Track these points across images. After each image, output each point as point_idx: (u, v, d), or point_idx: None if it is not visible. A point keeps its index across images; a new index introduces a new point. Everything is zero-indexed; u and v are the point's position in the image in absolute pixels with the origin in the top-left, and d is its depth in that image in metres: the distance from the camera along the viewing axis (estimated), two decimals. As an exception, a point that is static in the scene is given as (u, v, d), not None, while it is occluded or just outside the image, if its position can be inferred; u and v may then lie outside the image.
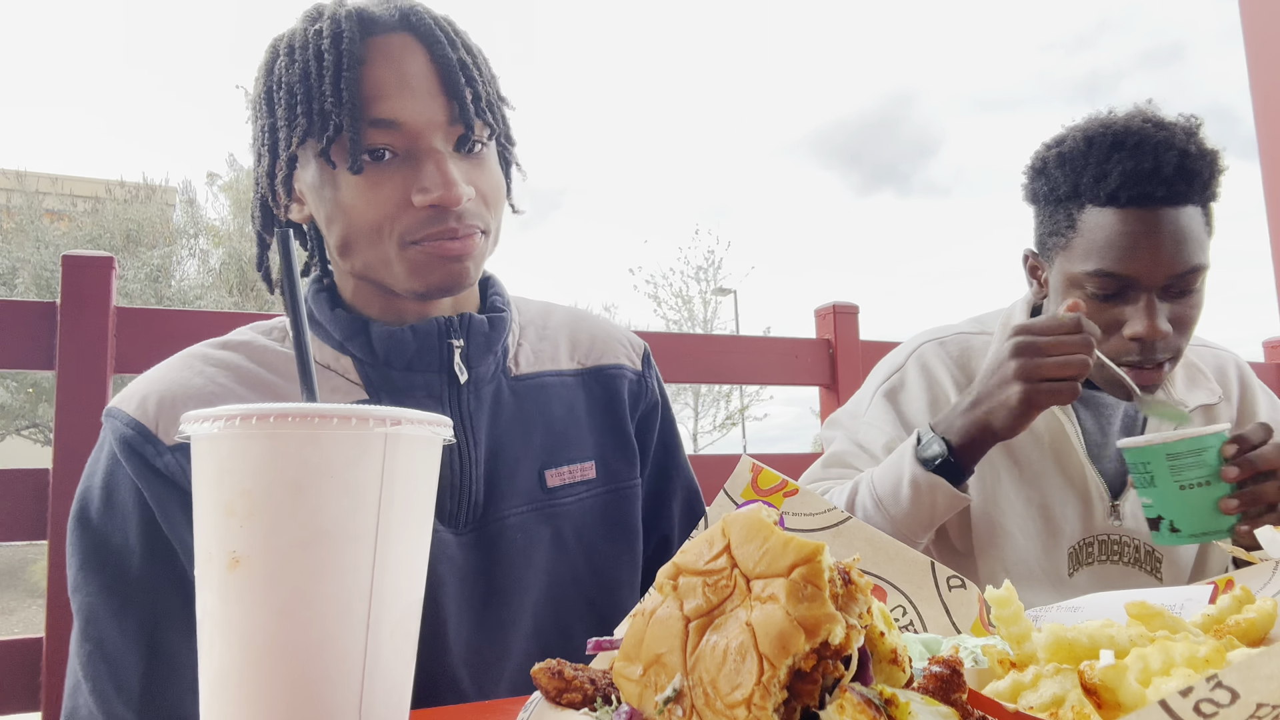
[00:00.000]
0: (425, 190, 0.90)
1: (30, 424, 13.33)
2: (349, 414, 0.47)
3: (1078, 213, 1.32)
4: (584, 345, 1.13)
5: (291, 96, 0.92)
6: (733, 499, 0.74)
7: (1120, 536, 1.40)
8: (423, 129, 0.90)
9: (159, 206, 14.51)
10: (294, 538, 0.46)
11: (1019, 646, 0.56)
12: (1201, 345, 1.56)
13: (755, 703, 0.38)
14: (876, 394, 1.46)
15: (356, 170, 0.89)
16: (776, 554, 0.41)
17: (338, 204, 0.92)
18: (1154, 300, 1.25)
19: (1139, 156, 1.26)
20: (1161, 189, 1.24)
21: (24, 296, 11.07)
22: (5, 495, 1.40)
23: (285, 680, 0.46)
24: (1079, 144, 1.32)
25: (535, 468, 1.02)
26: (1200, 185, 1.27)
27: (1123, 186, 1.25)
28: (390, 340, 0.95)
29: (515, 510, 1.00)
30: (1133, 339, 1.26)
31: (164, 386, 0.90)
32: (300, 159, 0.95)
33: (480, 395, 1.00)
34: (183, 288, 14.08)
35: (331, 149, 0.90)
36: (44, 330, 1.44)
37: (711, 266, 18.26)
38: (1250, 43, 2.73)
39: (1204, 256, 1.28)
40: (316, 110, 0.90)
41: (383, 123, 0.89)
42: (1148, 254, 1.25)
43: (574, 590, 1.03)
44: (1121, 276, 1.26)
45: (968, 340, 1.47)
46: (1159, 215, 1.25)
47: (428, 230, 0.91)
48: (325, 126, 0.89)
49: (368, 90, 0.89)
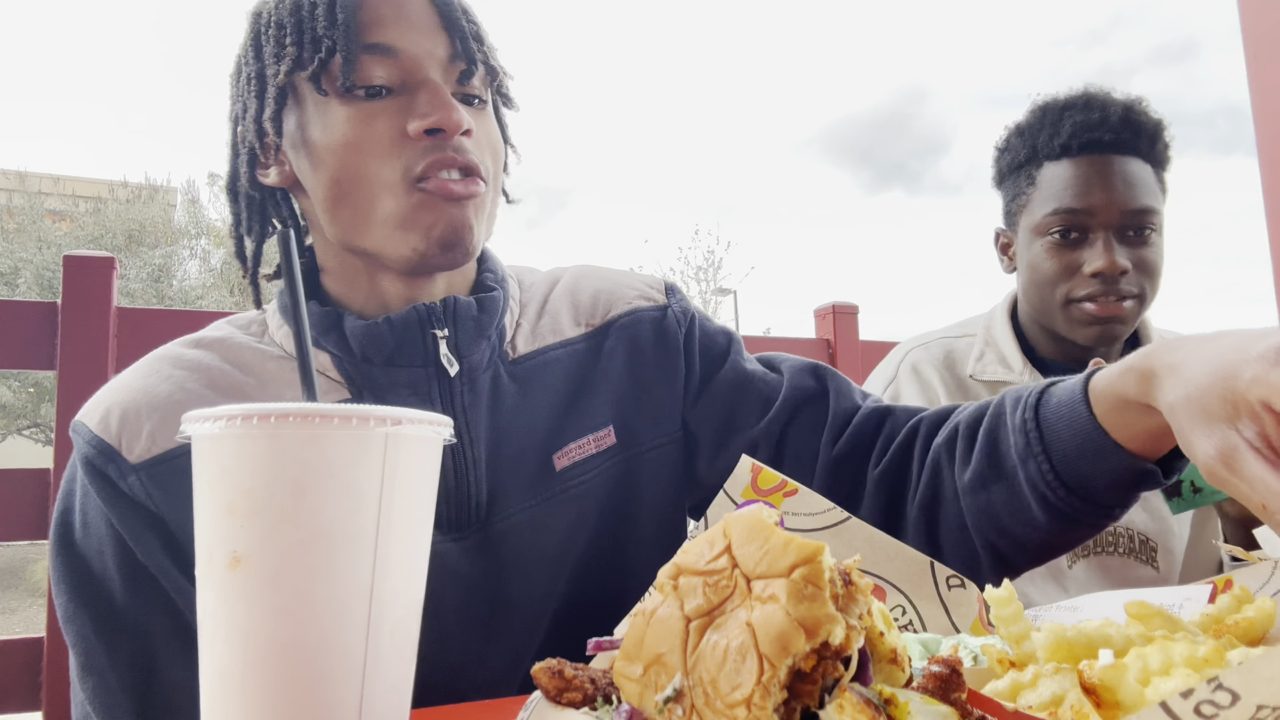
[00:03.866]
0: (423, 115, 0.83)
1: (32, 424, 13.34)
2: (350, 414, 0.47)
3: (1036, 171, 1.44)
4: (586, 305, 1.03)
5: (280, 30, 0.87)
6: (732, 499, 0.74)
7: (1114, 528, 1.42)
8: (421, 59, 0.85)
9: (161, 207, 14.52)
10: (295, 537, 0.46)
11: (1018, 646, 0.56)
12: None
13: (755, 702, 0.38)
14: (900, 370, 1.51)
15: (348, 88, 0.83)
16: (777, 554, 0.41)
17: (328, 145, 0.85)
18: (1111, 239, 1.36)
19: (1087, 110, 1.39)
20: (1109, 134, 1.37)
21: (26, 297, 11.08)
22: (6, 495, 1.40)
23: (285, 680, 0.46)
24: (1034, 115, 1.47)
25: (541, 455, 0.94)
26: (1146, 139, 1.39)
27: (1073, 136, 1.38)
28: (366, 335, 0.87)
29: (524, 506, 0.93)
30: (1093, 274, 1.35)
31: (127, 396, 0.84)
32: (289, 98, 0.88)
33: (476, 387, 0.91)
34: (184, 288, 14.08)
35: (323, 77, 0.84)
36: (45, 330, 1.44)
37: (711, 266, 18.26)
38: (1250, 43, 2.73)
39: (1156, 202, 1.38)
40: (308, 38, 0.85)
41: (379, 48, 0.84)
42: (1100, 191, 1.36)
43: (599, 582, 0.96)
44: (1077, 211, 1.37)
45: (950, 344, 1.53)
46: (1109, 160, 1.37)
47: (428, 160, 0.84)
48: (317, 49, 0.84)
49: (363, 17, 0.85)
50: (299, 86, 0.87)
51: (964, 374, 1.47)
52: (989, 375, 1.44)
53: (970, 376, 1.46)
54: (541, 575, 0.93)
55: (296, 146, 0.89)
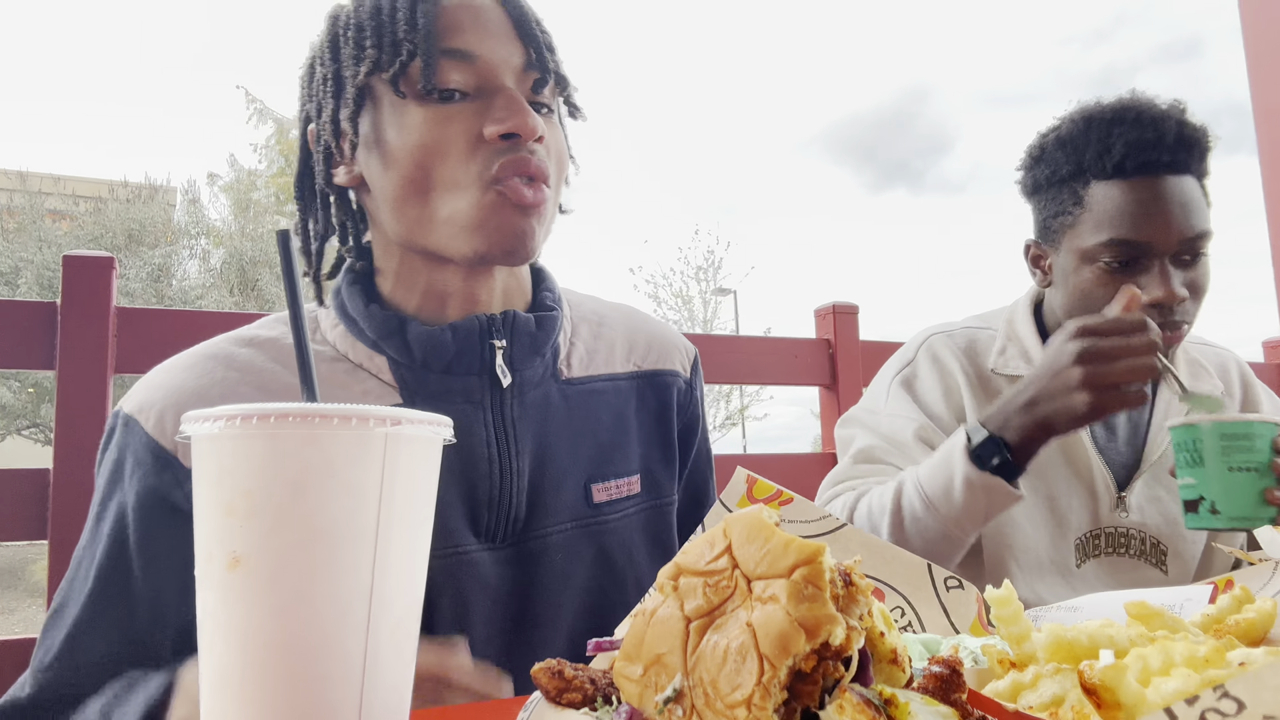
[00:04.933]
0: (499, 120, 0.85)
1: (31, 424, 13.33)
2: (349, 414, 0.47)
3: (1083, 190, 1.35)
4: (641, 347, 1.08)
5: (360, 33, 0.89)
6: (728, 509, 0.74)
7: (1127, 529, 1.40)
8: (497, 65, 0.88)
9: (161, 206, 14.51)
10: (294, 537, 0.46)
11: (1018, 646, 0.56)
12: (1203, 344, 1.57)
13: (755, 703, 0.38)
14: (893, 385, 1.47)
15: (429, 91, 0.86)
16: (778, 555, 0.41)
17: (403, 145, 0.87)
18: (1167, 266, 1.29)
19: (1140, 128, 1.30)
20: (1166, 155, 1.29)
21: (27, 296, 11.08)
22: (5, 495, 1.40)
23: (285, 680, 0.46)
24: (1077, 124, 1.37)
25: (582, 481, 0.96)
26: (1198, 155, 1.33)
27: (1128, 156, 1.30)
28: (429, 341, 0.89)
29: (559, 527, 0.94)
30: (1152, 304, 1.28)
31: (180, 398, 0.85)
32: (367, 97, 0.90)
33: (525, 400, 0.93)
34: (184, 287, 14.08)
35: (401, 80, 0.86)
36: (45, 330, 1.44)
37: (711, 266, 18.24)
38: (1250, 43, 2.73)
39: (1209, 223, 1.32)
40: (388, 41, 0.87)
41: (456, 53, 0.86)
42: (1159, 219, 1.28)
43: (615, 615, 0.96)
44: (1135, 243, 1.29)
45: (973, 334, 1.50)
46: (1165, 182, 1.29)
47: (502, 161, 0.85)
48: (398, 53, 0.86)
49: (443, 23, 0.87)
50: (375, 88, 0.90)
51: (985, 366, 1.45)
52: (1011, 370, 1.42)
53: (992, 370, 1.44)
54: (563, 601, 0.94)
55: (369, 146, 0.90)
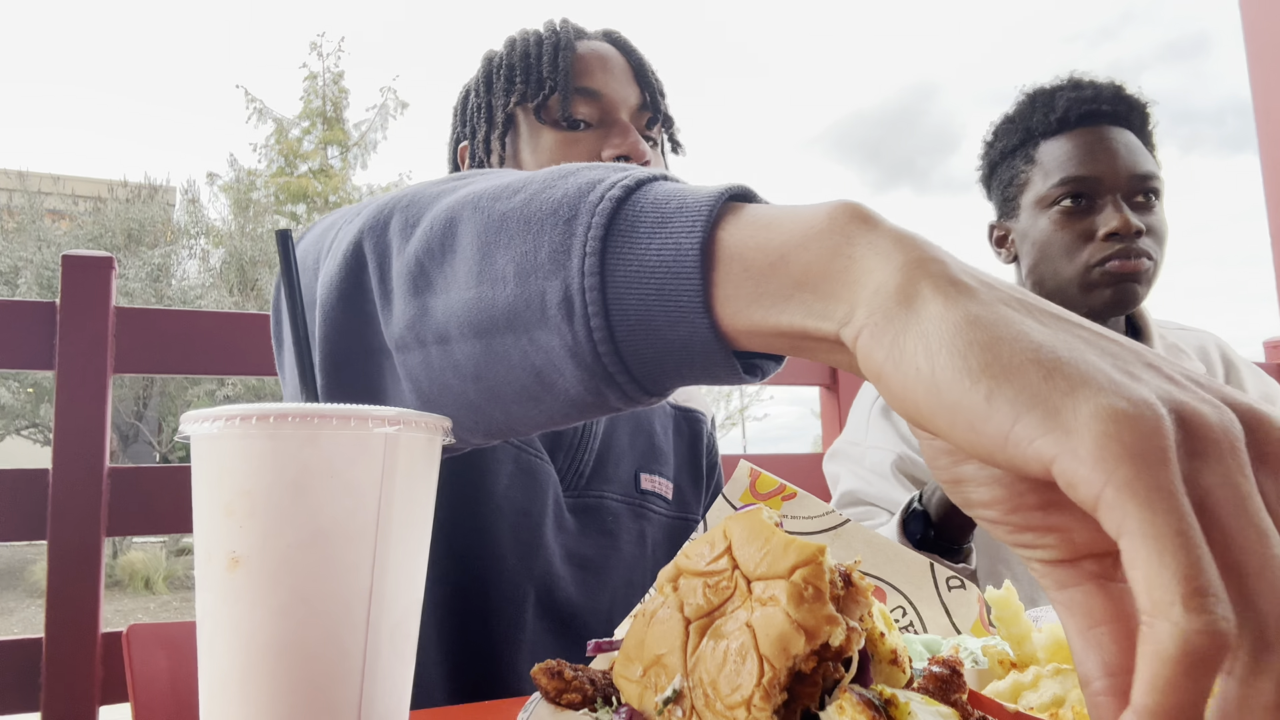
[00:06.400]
0: (614, 146, 1.04)
1: (30, 424, 13.34)
2: (349, 414, 0.47)
3: (1033, 150, 1.45)
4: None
5: (511, 71, 1.10)
6: (731, 503, 0.74)
7: None
8: (618, 103, 1.07)
9: (160, 206, 14.52)
10: (294, 538, 0.46)
11: (1019, 647, 0.56)
12: (1179, 328, 1.59)
13: (755, 704, 0.38)
14: (872, 413, 1.47)
15: (565, 116, 1.05)
16: (778, 556, 0.41)
17: (537, 162, 1.06)
18: (1120, 201, 1.36)
19: (1078, 89, 1.43)
20: (1105, 107, 1.40)
21: (26, 296, 11.07)
22: (5, 496, 1.40)
23: (285, 680, 0.46)
24: (1023, 102, 1.49)
25: (634, 466, 1.11)
26: (1138, 117, 1.42)
27: (1070, 110, 1.40)
28: None
29: (613, 496, 1.08)
30: (1108, 235, 1.34)
31: None
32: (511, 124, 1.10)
33: None
34: (183, 287, 14.08)
35: (543, 110, 1.06)
36: (44, 330, 1.44)
37: (712, 267, 18.24)
38: (1250, 43, 2.73)
39: (1158, 170, 1.40)
40: (534, 78, 1.07)
41: (586, 91, 1.06)
42: (1105, 156, 1.38)
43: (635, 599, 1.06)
44: (1086, 178, 1.37)
45: None
46: (1108, 129, 1.40)
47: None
48: (541, 87, 1.06)
49: (577, 68, 1.07)
50: (517, 116, 1.10)
51: None
52: None
53: None
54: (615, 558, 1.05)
55: (510, 163, 1.09)
